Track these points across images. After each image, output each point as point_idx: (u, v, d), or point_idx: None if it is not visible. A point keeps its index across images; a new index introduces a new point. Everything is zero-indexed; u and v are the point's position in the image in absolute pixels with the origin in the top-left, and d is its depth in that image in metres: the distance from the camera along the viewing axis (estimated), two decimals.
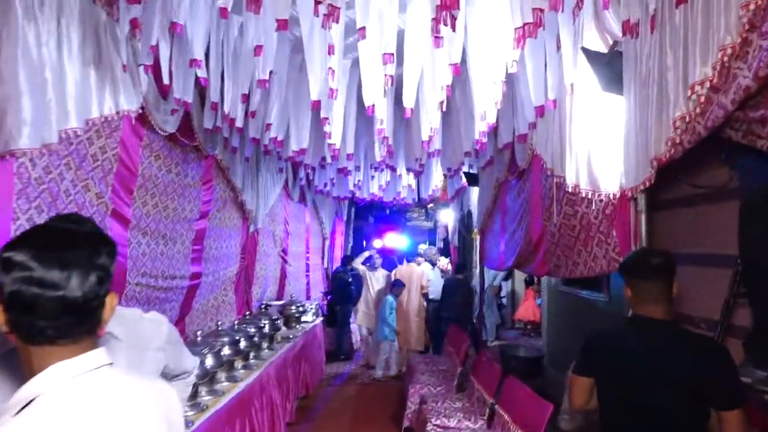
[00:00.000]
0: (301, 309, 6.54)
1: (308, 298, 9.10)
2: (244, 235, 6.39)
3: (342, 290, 8.56)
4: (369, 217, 18.42)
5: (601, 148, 2.84)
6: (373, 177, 7.27)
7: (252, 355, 4.60)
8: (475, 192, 7.19)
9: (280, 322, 5.57)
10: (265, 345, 5.06)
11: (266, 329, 4.99)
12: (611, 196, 2.81)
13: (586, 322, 5.63)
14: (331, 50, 2.96)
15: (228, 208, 5.86)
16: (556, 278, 6.78)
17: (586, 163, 2.93)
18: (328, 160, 4.91)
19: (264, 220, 6.98)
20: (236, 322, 4.44)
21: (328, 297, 9.18)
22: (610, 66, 2.53)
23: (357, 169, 6.83)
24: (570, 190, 3.05)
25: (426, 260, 7.97)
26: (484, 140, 4.09)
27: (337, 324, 8.50)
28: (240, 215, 6.23)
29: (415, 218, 19.21)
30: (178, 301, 4.71)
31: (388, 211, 18.52)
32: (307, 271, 9.30)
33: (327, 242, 11.05)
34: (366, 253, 9.28)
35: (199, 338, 3.47)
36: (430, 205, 17.53)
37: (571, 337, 6.27)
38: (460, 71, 3.18)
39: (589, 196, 2.93)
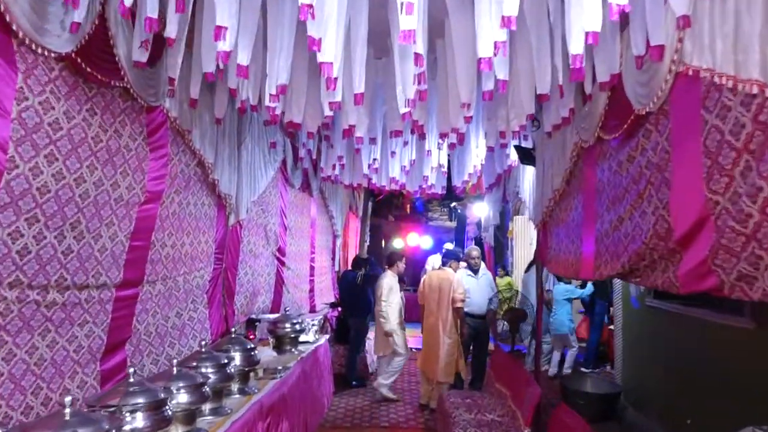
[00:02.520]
0: (297, 327, 4.88)
1: (313, 310, 7.45)
2: (221, 229, 4.77)
3: (354, 298, 6.87)
4: (388, 215, 16.84)
5: None
6: (393, 154, 5.57)
7: (208, 408, 2.97)
8: (528, 174, 5.47)
9: (259, 352, 3.92)
10: (235, 387, 3.43)
11: (234, 364, 3.35)
12: None
13: (704, 358, 3.87)
14: None
15: (193, 189, 4.24)
16: (640, 287, 5.05)
17: None
18: (326, 110, 3.24)
19: (251, 210, 5.35)
20: (175, 362, 2.80)
21: (338, 309, 7.52)
22: None
23: (373, 142, 5.16)
24: None
25: (468, 265, 6.13)
26: (581, 62, 2.39)
27: (349, 341, 6.83)
28: (214, 201, 4.61)
29: (437, 218, 17.61)
30: (102, 323, 3.10)
31: (408, 209, 16.93)
32: (312, 275, 7.65)
33: (339, 241, 9.39)
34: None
35: (80, 404, 1.83)
36: (454, 203, 15.87)
37: (668, 373, 4.51)
38: None
39: None
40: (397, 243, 16.59)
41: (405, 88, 2.94)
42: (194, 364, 3.02)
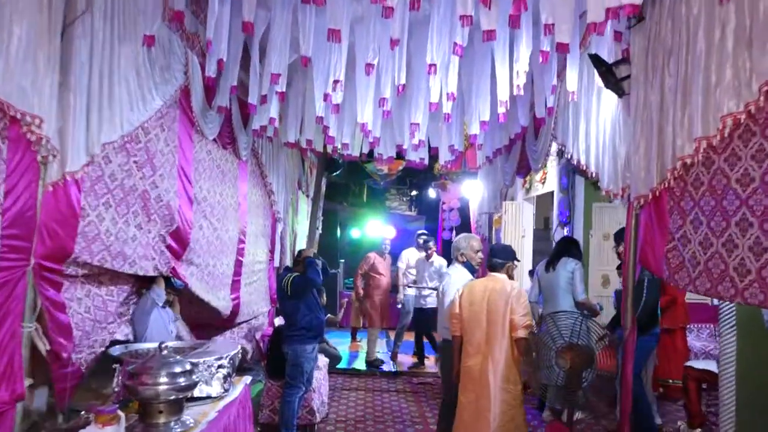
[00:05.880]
0: (181, 381, 2.50)
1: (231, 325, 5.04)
2: (25, 189, 2.31)
3: (286, 314, 4.51)
4: (343, 201, 14.57)
5: None
6: (371, 67, 3.18)
7: None
8: (602, 111, 3.25)
9: None
10: None
11: None
12: None
13: None
14: None
15: None
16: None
17: None
18: None
19: (105, 160, 2.91)
20: None
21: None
22: None
23: (334, 41, 2.82)
24: None
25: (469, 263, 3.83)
26: None
27: (286, 378, 4.46)
28: None
29: (395, 207, 15.52)
30: None
31: (365, 196, 14.73)
32: (238, 273, 5.20)
33: (281, 226, 6.93)
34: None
35: None
36: (414, 192, 13.68)
37: None
38: None
39: None
40: (355, 233, 14.37)
41: None
42: None
